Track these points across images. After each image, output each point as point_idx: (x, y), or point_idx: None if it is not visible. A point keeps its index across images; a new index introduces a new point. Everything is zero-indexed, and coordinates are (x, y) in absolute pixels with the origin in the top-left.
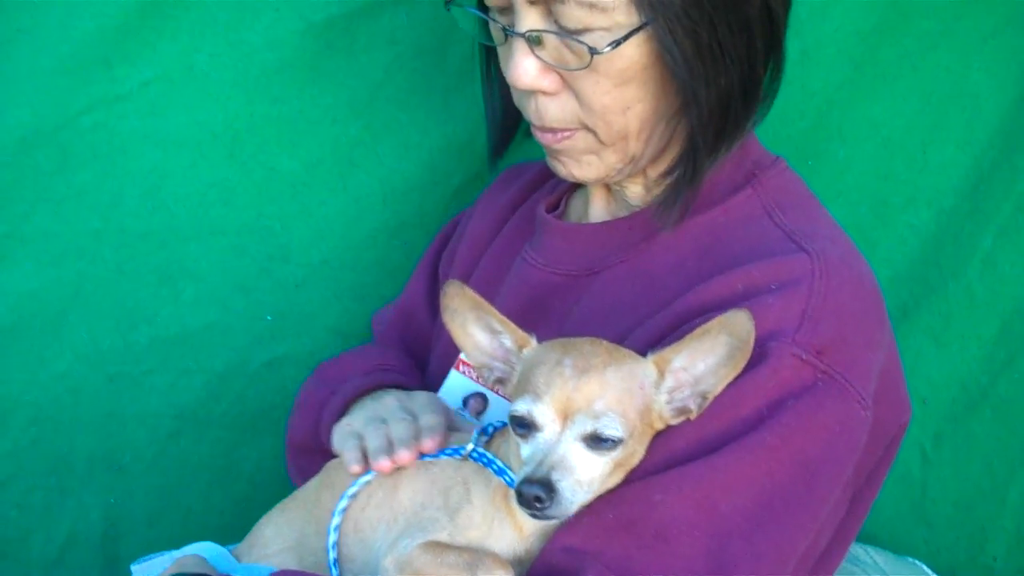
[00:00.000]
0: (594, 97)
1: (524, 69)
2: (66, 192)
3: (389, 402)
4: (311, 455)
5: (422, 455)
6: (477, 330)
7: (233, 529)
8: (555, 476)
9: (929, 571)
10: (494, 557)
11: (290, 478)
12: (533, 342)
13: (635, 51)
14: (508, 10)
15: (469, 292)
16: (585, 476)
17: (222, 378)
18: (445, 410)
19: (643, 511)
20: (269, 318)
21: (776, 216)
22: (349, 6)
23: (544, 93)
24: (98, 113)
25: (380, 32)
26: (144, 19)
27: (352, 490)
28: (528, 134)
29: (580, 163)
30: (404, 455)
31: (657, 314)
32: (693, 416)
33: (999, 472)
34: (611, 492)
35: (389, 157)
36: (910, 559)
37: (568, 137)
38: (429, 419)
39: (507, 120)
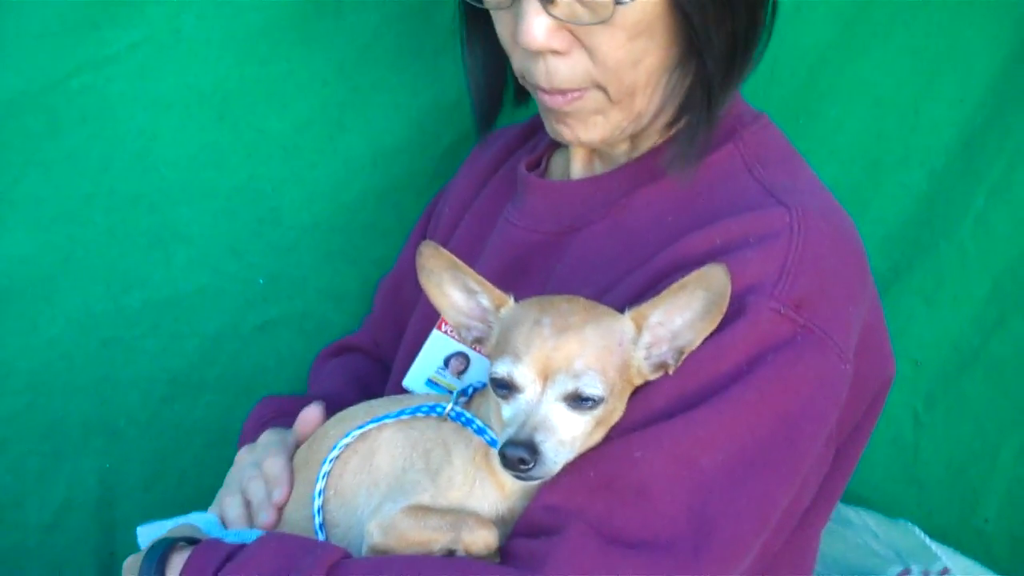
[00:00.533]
0: (609, 52)
1: (538, 28)
2: (55, 156)
3: (242, 462)
4: None
5: None
6: (454, 290)
7: None
8: (538, 437)
9: (921, 533)
10: (477, 518)
11: None
12: (510, 301)
13: (649, 2)
14: None
15: (444, 252)
16: (567, 435)
17: (215, 341)
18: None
19: (623, 468)
20: (261, 281)
21: (756, 171)
22: None
23: (555, 53)
24: (86, 76)
25: None
26: None
27: (333, 454)
28: (517, 102)
29: (587, 124)
30: (266, 523)
31: (636, 270)
32: (671, 371)
33: (991, 433)
34: (592, 450)
35: (378, 118)
36: (902, 521)
37: (578, 98)
38: (269, 467)
39: (492, 90)
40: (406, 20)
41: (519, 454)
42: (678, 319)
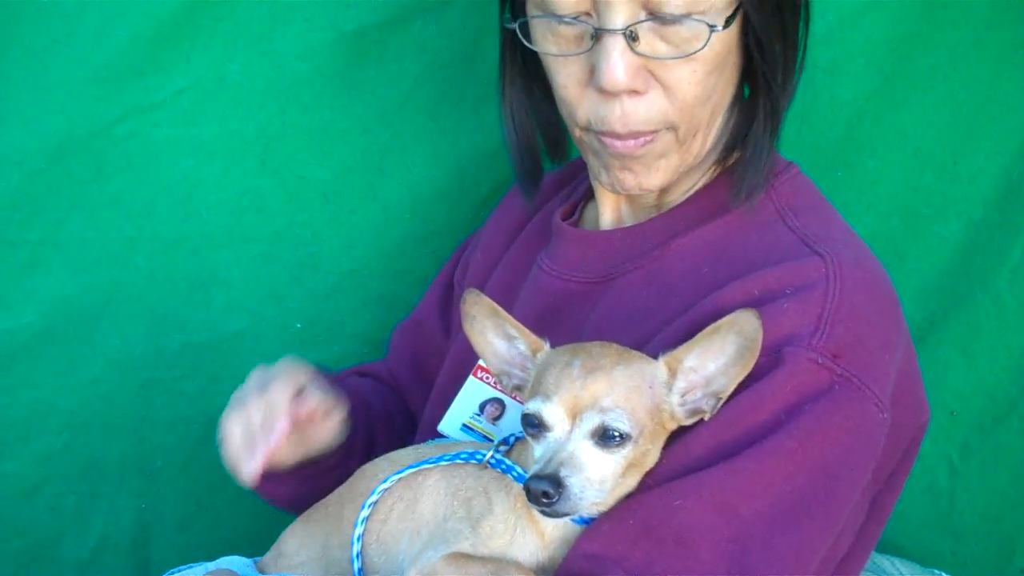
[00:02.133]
0: (688, 88)
1: (623, 68)
2: (100, 199)
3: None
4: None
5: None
6: (496, 338)
7: (263, 535)
8: (563, 472)
9: None
10: (518, 566)
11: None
12: (546, 347)
13: (729, 33)
14: (587, 15)
15: (486, 299)
16: (595, 474)
17: None
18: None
19: (663, 517)
20: (299, 326)
21: (789, 220)
22: (380, 16)
23: (633, 94)
24: (132, 122)
25: (410, 41)
26: (177, 29)
27: (372, 498)
28: (552, 159)
29: (651, 169)
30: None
31: (674, 321)
32: (707, 417)
33: None
34: (631, 498)
35: (418, 166)
36: (936, 571)
37: (650, 141)
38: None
39: (534, 148)
40: (447, 69)
41: (542, 487)
42: (711, 364)
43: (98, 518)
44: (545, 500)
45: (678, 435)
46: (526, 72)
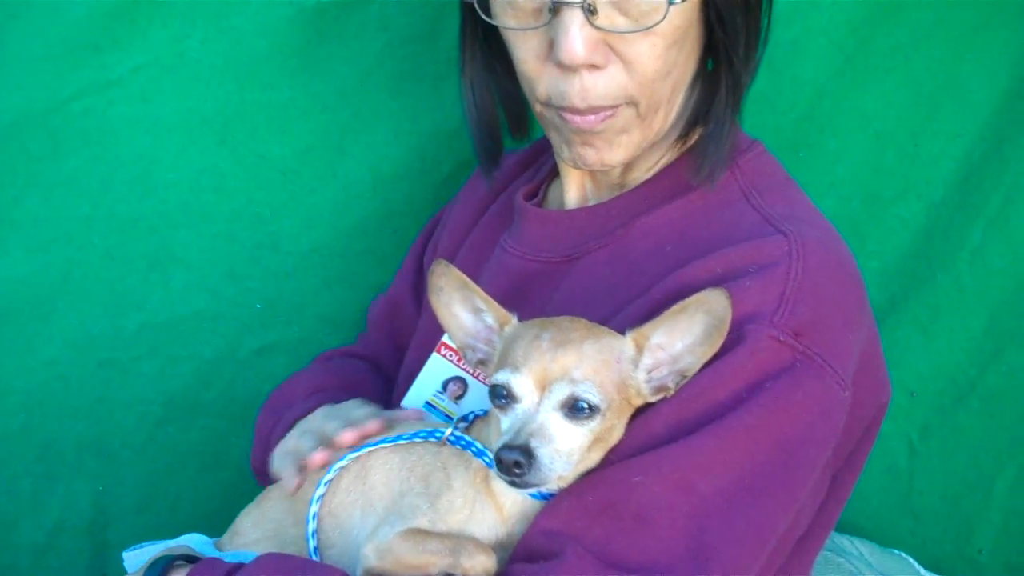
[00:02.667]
0: (648, 62)
1: (581, 42)
2: (56, 178)
3: (316, 415)
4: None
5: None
6: (462, 310)
7: (221, 517)
8: (534, 443)
9: (915, 563)
10: (476, 543)
11: None
12: (514, 320)
13: (688, 7)
14: None
15: (455, 271)
16: (564, 446)
17: (211, 365)
18: (374, 407)
19: (623, 493)
20: (259, 306)
21: (754, 199)
22: None
23: (592, 68)
24: (88, 99)
25: (370, 19)
26: (134, 5)
27: (328, 476)
28: (514, 136)
29: (612, 145)
30: (345, 436)
31: (637, 299)
32: (671, 393)
33: (986, 464)
34: (591, 475)
35: (379, 144)
36: (896, 551)
37: (610, 116)
38: (357, 413)
39: (494, 126)
40: (408, 47)
41: (514, 457)
42: (679, 343)
43: (55, 501)
44: (516, 470)
45: (639, 412)
46: (487, 47)
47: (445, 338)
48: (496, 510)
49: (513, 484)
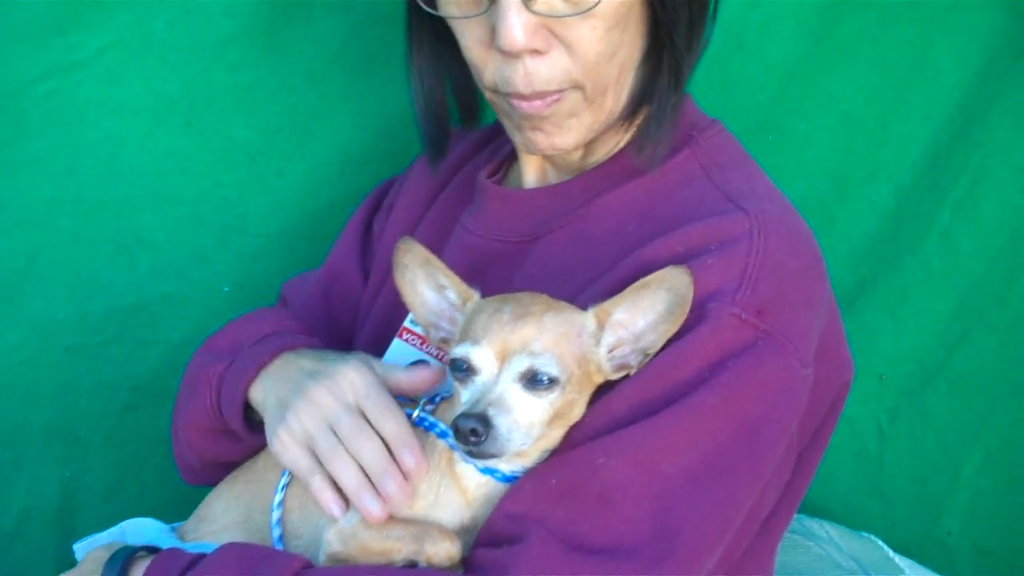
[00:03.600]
0: (589, 45)
1: (520, 27)
2: (21, 160)
3: (320, 395)
4: (214, 436)
5: None
6: (426, 288)
7: (188, 502)
8: (491, 411)
9: (884, 545)
10: (440, 529)
11: (177, 459)
12: (476, 296)
13: None
14: None
15: (419, 247)
16: (523, 418)
17: (179, 349)
18: (380, 381)
19: (586, 475)
20: (227, 289)
21: (714, 176)
22: None
23: (535, 53)
24: (53, 80)
25: (337, 0)
26: None
27: None
28: (464, 124)
29: (562, 129)
30: (395, 492)
31: (599, 279)
32: (633, 371)
33: (954, 447)
34: (553, 457)
35: (346, 126)
36: (865, 534)
37: (556, 100)
38: (388, 424)
39: (441, 115)
40: (375, 28)
41: (470, 425)
42: (641, 320)
43: (22, 487)
44: (473, 439)
45: (601, 392)
46: (435, 35)
47: (407, 322)
48: (460, 494)
49: (470, 454)
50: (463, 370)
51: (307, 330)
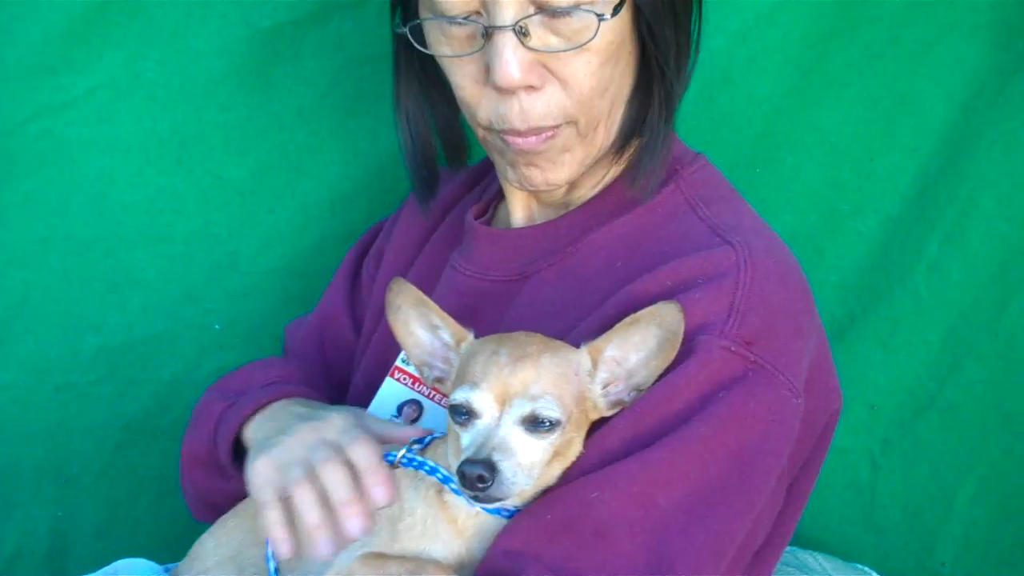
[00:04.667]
0: (583, 80)
1: (516, 64)
2: (12, 199)
3: (303, 433)
4: (207, 470)
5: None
6: (419, 328)
7: (181, 542)
8: (496, 456)
9: None
10: (436, 564)
11: (184, 493)
12: (471, 337)
13: (619, 23)
14: (476, 13)
15: (411, 288)
16: (526, 460)
17: (170, 388)
18: (368, 428)
19: (581, 510)
20: (218, 327)
21: (700, 210)
22: (296, 12)
23: (530, 89)
24: (44, 120)
25: (327, 39)
26: (90, 26)
27: None
28: (453, 164)
29: (556, 164)
30: (353, 524)
31: (589, 316)
32: (627, 405)
33: (947, 478)
34: (549, 492)
35: (337, 164)
36: (859, 565)
37: (551, 136)
38: (359, 452)
39: (429, 153)
40: (365, 67)
41: (477, 471)
42: (632, 356)
43: (13, 527)
44: (480, 485)
45: (594, 427)
46: (423, 76)
47: (399, 361)
48: (451, 524)
49: (476, 499)
50: (463, 414)
51: (309, 382)
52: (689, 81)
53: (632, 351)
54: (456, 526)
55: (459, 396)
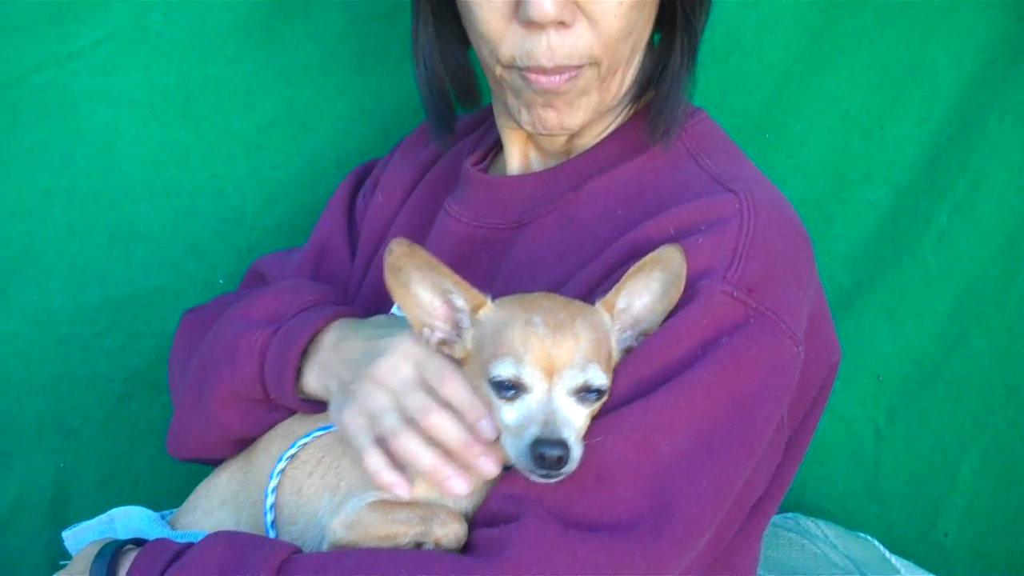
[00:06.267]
0: (613, 20)
1: None
2: (16, 151)
3: (381, 373)
4: (249, 406)
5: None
6: (421, 289)
7: (182, 493)
8: (565, 433)
9: (881, 547)
10: (448, 510)
11: (170, 438)
12: (489, 303)
13: None
14: None
15: (421, 251)
16: (580, 430)
17: (173, 341)
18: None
19: (583, 455)
20: (221, 281)
21: (702, 160)
22: None
23: (560, 26)
24: (49, 71)
25: None
26: None
27: (291, 451)
28: (464, 104)
29: (573, 107)
30: (483, 462)
31: (589, 263)
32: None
33: (951, 448)
34: None
35: (343, 120)
36: (862, 534)
37: (575, 76)
38: (451, 389)
39: (445, 89)
40: (372, 23)
41: (557, 453)
42: (638, 303)
43: (15, 478)
44: (558, 464)
45: None
46: (437, 16)
47: (394, 310)
48: None
49: (547, 477)
50: (510, 388)
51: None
52: (703, 33)
53: (637, 297)
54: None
55: (505, 371)
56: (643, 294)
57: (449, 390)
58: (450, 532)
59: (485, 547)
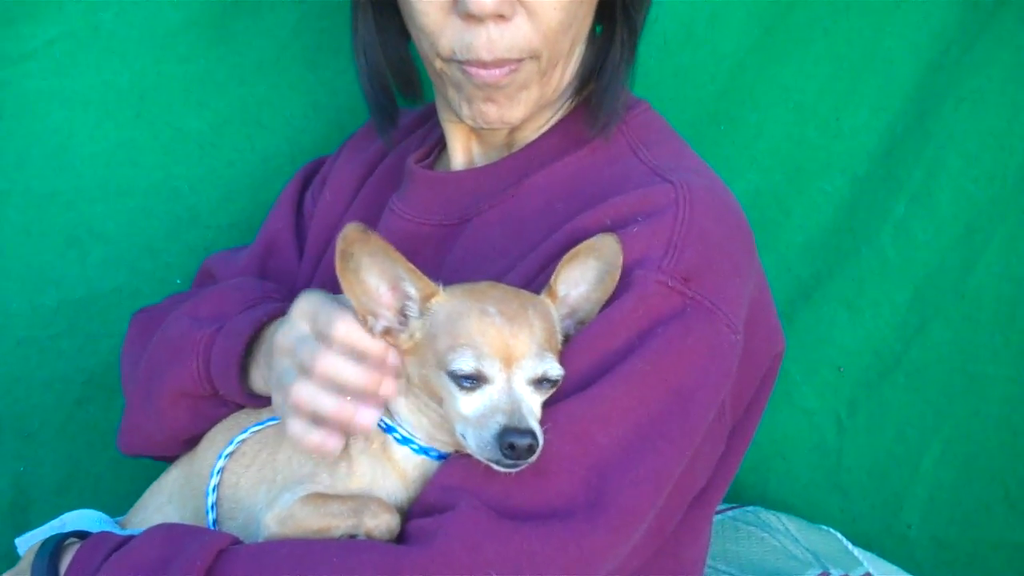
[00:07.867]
0: (552, 13)
1: None
2: None
3: (280, 340)
4: (198, 402)
5: None
6: (370, 276)
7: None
8: (531, 423)
9: (843, 538)
10: (379, 502)
11: (121, 434)
12: (441, 292)
13: None
14: None
15: (375, 237)
16: (538, 419)
17: None
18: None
19: None
20: (179, 281)
21: (641, 153)
22: None
23: (499, 19)
24: (2, 72)
25: None
26: None
27: (228, 449)
28: (406, 98)
29: (513, 101)
30: (387, 386)
31: (528, 255)
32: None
33: (913, 439)
34: None
35: (297, 117)
36: (824, 527)
37: (515, 70)
38: (339, 328)
39: (387, 83)
40: (325, 19)
41: (527, 441)
42: (574, 292)
43: None
44: (528, 453)
45: None
46: (377, 8)
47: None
48: (398, 476)
49: (514, 467)
50: (471, 379)
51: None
52: (643, 26)
53: (573, 286)
54: (405, 479)
55: (465, 363)
56: (579, 283)
57: (339, 331)
58: (381, 523)
59: (417, 536)
